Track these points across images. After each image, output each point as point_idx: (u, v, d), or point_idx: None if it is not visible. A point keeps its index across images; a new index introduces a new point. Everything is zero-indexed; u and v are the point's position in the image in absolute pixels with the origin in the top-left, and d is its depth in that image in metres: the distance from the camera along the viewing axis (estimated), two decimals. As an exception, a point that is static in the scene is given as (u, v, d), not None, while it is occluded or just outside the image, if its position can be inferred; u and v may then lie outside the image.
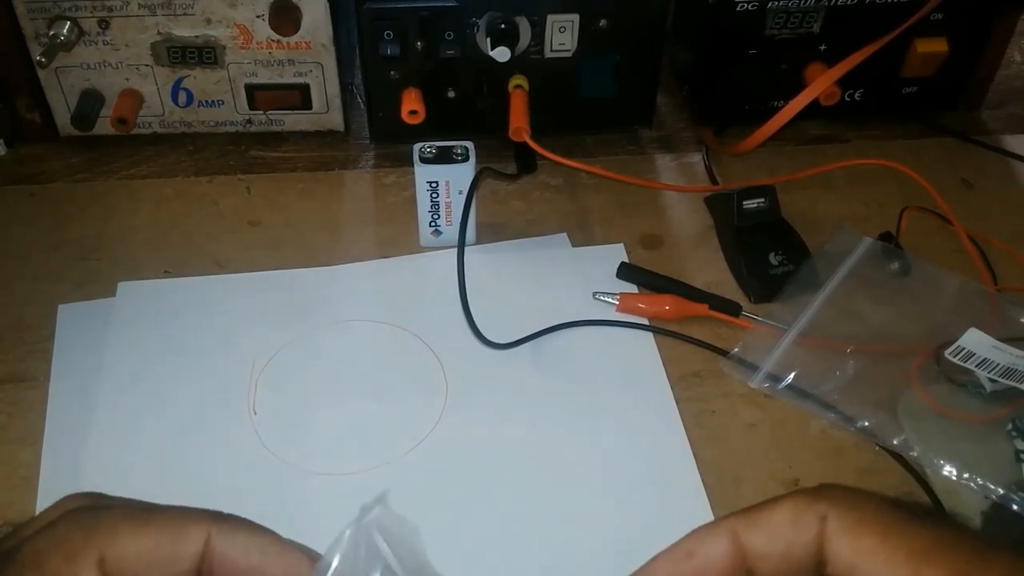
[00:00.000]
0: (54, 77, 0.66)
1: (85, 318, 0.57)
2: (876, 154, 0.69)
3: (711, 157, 0.71)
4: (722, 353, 0.57)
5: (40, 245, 0.63)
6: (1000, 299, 0.59)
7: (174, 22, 0.64)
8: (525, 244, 0.64)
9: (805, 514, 0.26)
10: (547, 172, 0.69)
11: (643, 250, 0.64)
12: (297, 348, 0.57)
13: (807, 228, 0.63)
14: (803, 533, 0.25)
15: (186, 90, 0.67)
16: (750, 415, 0.54)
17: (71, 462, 0.50)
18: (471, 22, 0.63)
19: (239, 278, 0.61)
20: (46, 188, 0.67)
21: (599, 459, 0.51)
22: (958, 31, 0.69)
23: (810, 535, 0.25)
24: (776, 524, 0.26)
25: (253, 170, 0.69)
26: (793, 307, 0.58)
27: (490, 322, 0.56)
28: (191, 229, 0.64)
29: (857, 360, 0.55)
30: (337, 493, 0.49)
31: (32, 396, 0.53)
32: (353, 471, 0.50)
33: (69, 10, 0.63)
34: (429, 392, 0.54)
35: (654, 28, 0.65)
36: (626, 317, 0.59)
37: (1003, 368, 0.52)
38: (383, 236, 0.64)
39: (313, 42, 0.65)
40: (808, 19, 0.67)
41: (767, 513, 0.26)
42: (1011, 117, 0.76)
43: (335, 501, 0.48)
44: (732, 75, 0.69)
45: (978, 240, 0.63)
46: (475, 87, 0.67)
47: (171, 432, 0.52)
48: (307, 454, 0.51)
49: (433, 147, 0.59)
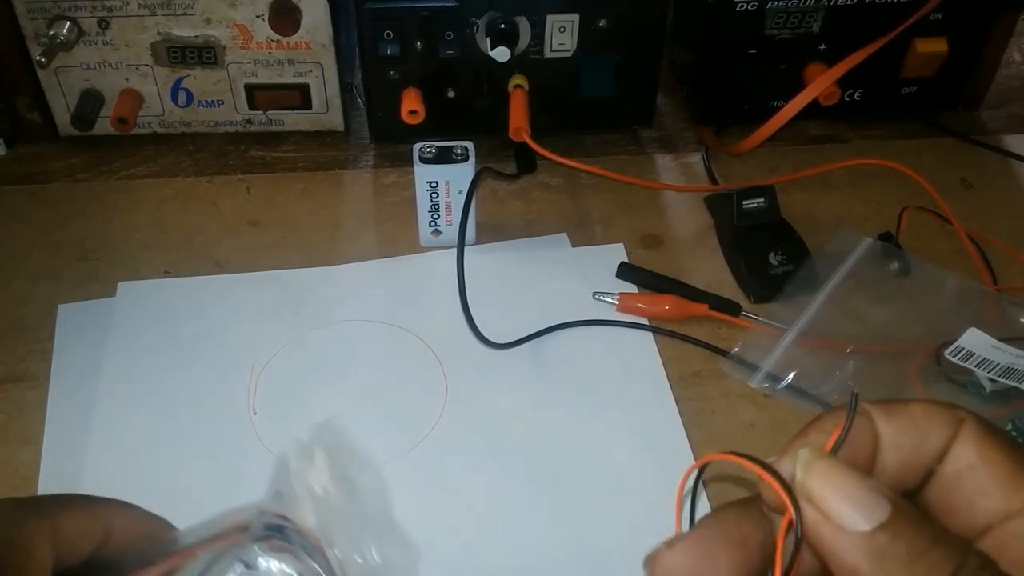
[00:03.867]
0: (54, 77, 0.66)
1: (85, 317, 0.58)
2: (876, 154, 0.69)
3: (711, 157, 0.71)
4: (722, 353, 0.57)
5: (40, 245, 0.63)
6: (1000, 299, 0.59)
7: (174, 22, 0.64)
8: (525, 244, 0.64)
9: (943, 413, 0.26)
10: (547, 172, 0.69)
11: (643, 250, 0.64)
12: (297, 348, 0.57)
13: (807, 228, 0.63)
14: (939, 430, 0.26)
15: (186, 90, 0.67)
16: (750, 415, 0.54)
17: (71, 462, 0.50)
18: (471, 22, 0.63)
19: (239, 278, 0.61)
20: (46, 188, 0.67)
21: (599, 459, 0.51)
22: (958, 31, 0.69)
23: (946, 433, 0.26)
24: (914, 416, 0.26)
25: (253, 170, 0.69)
26: (793, 307, 0.58)
27: (490, 322, 0.56)
28: (191, 229, 0.64)
29: (857, 360, 0.55)
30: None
31: (32, 396, 0.53)
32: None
33: (69, 10, 0.63)
34: (429, 392, 0.54)
35: (654, 28, 0.65)
36: (626, 317, 0.59)
37: (1003, 368, 0.52)
38: (383, 236, 0.64)
39: (313, 42, 0.65)
40: (808, 19, 0.67)
41: (905, 405, 0.26)
42: (1011, 117, 0.76)
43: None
44: (732, 75, 0.69)
45: (978, 240, 0.63)
46: (475, 87, 0.67)
47: (171, 431, 0.52)
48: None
49: (433, 147, 0.59)
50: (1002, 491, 0.25)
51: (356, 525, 0.33)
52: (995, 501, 0.25)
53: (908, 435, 0.26)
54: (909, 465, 0.26)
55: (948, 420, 0.26)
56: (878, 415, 0.26)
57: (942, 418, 0.26)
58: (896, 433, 0.26)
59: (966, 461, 0.25)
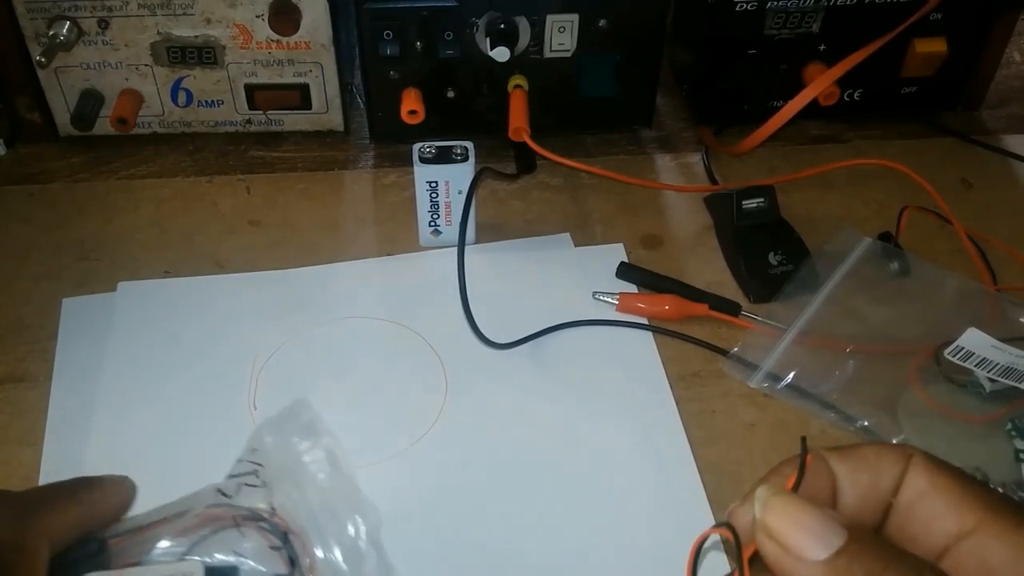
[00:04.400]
0: (54, 77, 0.66)
1: (89, 312, 0.58)
2: (876, 154, 0.69)
3: (711, 157, 0.71)
4: (722, 353, 0.57)
5: (40, 245, 0.63)
6: (1000, 299, 0.59)
7: (174, 22, 0.64)
8: (525, 244, 0.64)
9: (893, 451, 0.28)
10: (547, 172, 0.69)
11: (643, 250, 0.64)
12: (297, 344, 0.57)
13: (807, 228, 0.63)
14: (890, 466, 0.28)
15: (186, 90, 0.67)
16: (750, 415, 0.54)
17: (71, 462, 0.50)
18: (471, 22, 0.63)
19: (239, 278, 0.61)
20: (46, 188, 0.67)
21: (598, 459, 0.51)
22: (957, 31, 0.69)
23: (897, 468, 0.27)
24: (866, 456, 0.28)
25: (253, 170, 0.69)
26: (793, 307, 0.58)
27: (490, 322, 0.56)
28: (191, 229, 0.64)
29: (857, 360, 0.55)
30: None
31: (32, 396, 0.53)
32: (352, 467, 0.50)
33: (69, 10, 0.63)
34: (429, 390, 0.54)
35: (654, 28, 0.65)
36: (626, 317, 0.59)
37: (1002, 368, 0.52)
38: (383, 236, 0.64)
39: (313, 42, 0.65)
40: (807, 19, 0.67)
41: (856, 448, 0.29)
42: (1011, 117, 0.76)
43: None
44: (731, 75, 0.69)
45: (978, 240, 0.63)
46: (475, 87, 0.67)
47: (171, 429, 0.52)
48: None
49: (433, 147, 0.59)
50: (954, 512, 0.26)
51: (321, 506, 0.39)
52: (948, 523, 0.26)
53: (863, 473, 0.28)
54: (867, 501, 0.28)
55: (898, 456, 0.28)
56: (832, 458, 0.28)
57: (892, 455, 0.28)
58: (851, 472, 0.28)
59: (918, 490, 0.27)
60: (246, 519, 0.38)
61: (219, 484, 0.40)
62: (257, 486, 0.40)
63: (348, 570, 0.39)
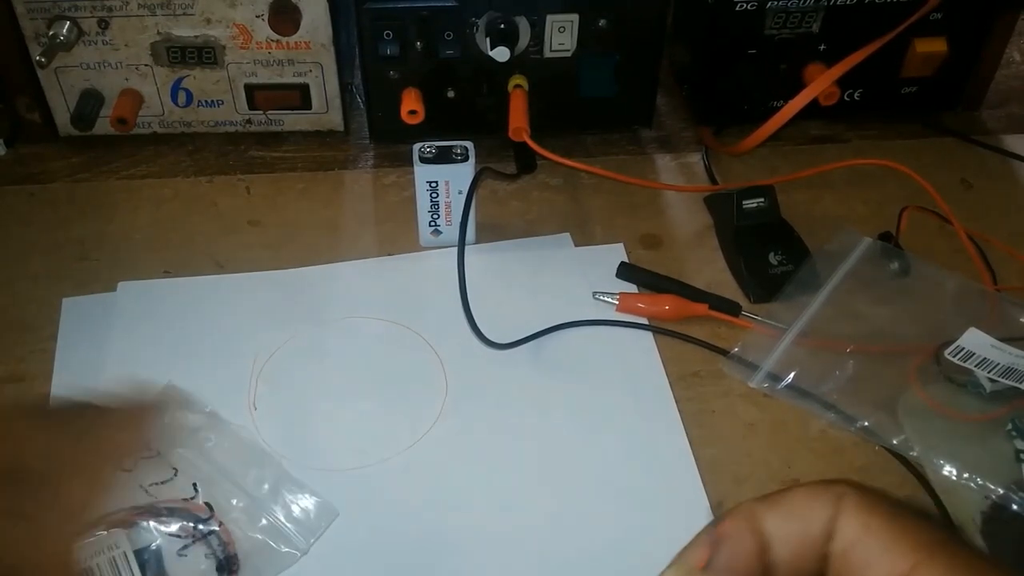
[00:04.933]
0: (54, 77, 0.66)
1: (89, 312, 0.58)
2: (876, 154, 0.69)
3: (711, 157, 0.71)
4: (722, 353, 0.57)
5: (40, 245, 0.63)
6: (1000, 299, 0.59)
7: (174, 22, 0.64)
8: (525, 244, 0.64)
9: (823, 495, 0.27)
10: (547, 172, 0.69)
11: (643, 250, 0.64)
12: (297, 344, 0.57)
13: (807, 228, 0.63)
14: (820, 512, 0.26)
15: (186, 90, 0.67)
16: (750, 415, 0.54)
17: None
18: (471, 22, 0.63)
19: (239, 278, 0.61)
20: (46, 188, 0.67)
21: (599, 458, 0.51)
22: (958, 31, 0.69)
23: (827, 513, 0.26)
24: (795, 504, 0.27)
25: (253, 170, 0.69)
26: (793, 307, 0.58)
27: (490, 322, 0.56)
28: (191, 229, 0.64)
29: (857, 360, 0.55)
30: (335, 489, 0.49)
31: (32, 396, 0.53)
32: (351, 467, 0.50)
33: (69, 10, 0.63)
34: (429, 390, 0.54)
35: (654, 28, 0.65)
36: (626, 317, 0.59)
37: (1003, 368, 0.52)
38: (383, 236, 0.64)
39: (313, 42, 0.65)
40: (807, 19, 0.67)
41: (785, 495, 0.27)
42: (1011, 117, 0.76)
43: (333, 497, 0.48)
44: (731, 75, 0.69)
45: (978, 240, 0.63)
46: (475, 87, 0.67)
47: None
48: (306, 450, 0.51)
49: (433, 147, 0.59)
50: (888, 557, 0.25)
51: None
52: (883, 569, 0.25)
53: (792, 523, 0.27)
54: (802, 553, 0.27)
55: (828, 500, 0.26)
56: (760, 510, 0.27)
57: (821, 500, 0.26)
58: (781, 524, 0.27)
59: (851, 535, 0.26)
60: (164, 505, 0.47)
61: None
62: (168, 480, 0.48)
63: (249, 520, 0.46)
